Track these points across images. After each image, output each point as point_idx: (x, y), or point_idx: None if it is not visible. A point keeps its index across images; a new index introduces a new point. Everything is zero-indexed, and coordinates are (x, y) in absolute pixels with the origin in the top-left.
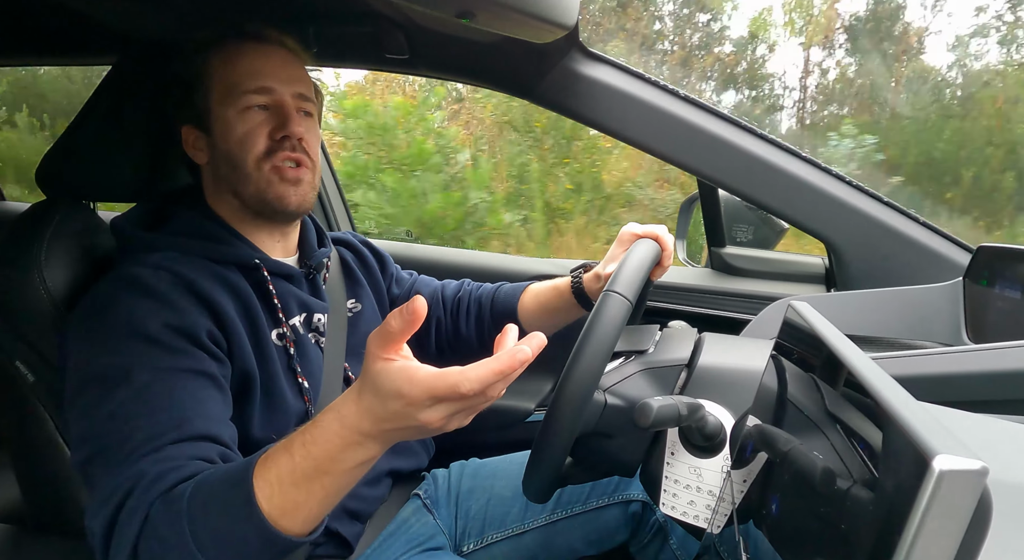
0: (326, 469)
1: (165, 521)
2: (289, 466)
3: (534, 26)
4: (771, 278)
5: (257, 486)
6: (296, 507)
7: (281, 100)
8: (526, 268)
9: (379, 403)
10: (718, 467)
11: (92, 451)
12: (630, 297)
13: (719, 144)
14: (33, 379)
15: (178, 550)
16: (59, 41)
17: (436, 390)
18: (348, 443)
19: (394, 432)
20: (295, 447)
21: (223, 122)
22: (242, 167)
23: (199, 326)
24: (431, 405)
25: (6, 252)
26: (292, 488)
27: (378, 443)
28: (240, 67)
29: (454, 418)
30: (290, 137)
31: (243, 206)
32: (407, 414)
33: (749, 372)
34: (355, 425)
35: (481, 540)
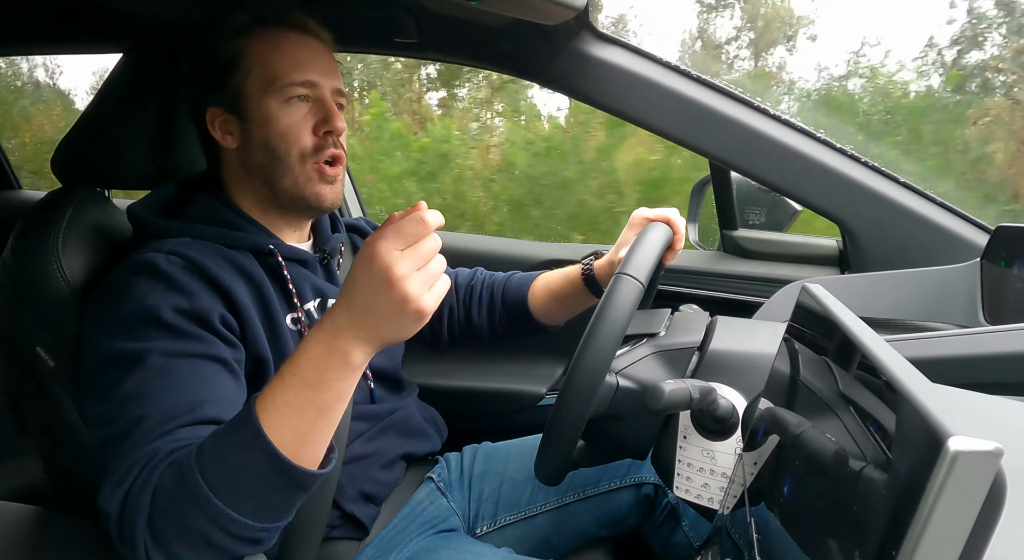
0: (315, 382)
1: (175, 482)
2: (281, 388)
3: (543, 7)
4: (784, 260)
5: (260, 418)
6: (296, 433)
7: (323, 94)
8: (537, 253)
9: (347, 289)
10: (731, 450)
11: (106, 433)
12: (642, 279)
13: (731, 125)
14: (54, 364)
15: (194, 504)
16: (71, 29)
17: (397, 225)
18: (331, 348)
19: (368, 313)
20: (285, 368)
21: (263, 111)
22: (284, 159)
23: (212, 311)
24: (393, 251)
25: (24, 240)
26: (288, 410)
27: (359, 342)
28: (284, 56)
29: (421, 275)
30: (334, 132)
31: (271, 195)
32: (378, 272)
33: (761, 355)
34: (331, 326)
35: (494, 522)
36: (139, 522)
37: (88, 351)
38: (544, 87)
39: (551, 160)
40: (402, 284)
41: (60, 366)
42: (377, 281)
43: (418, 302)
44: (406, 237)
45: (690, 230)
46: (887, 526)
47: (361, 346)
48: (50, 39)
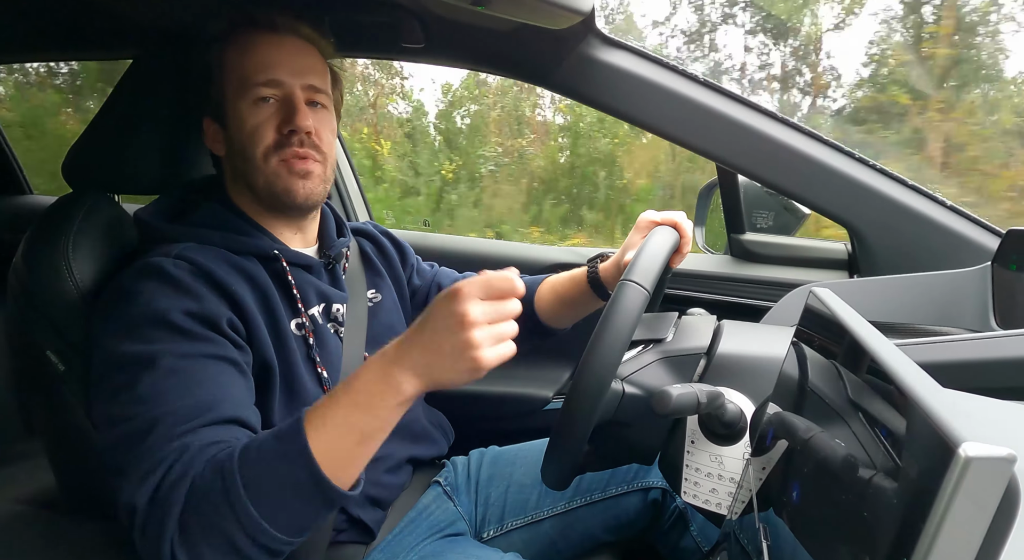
0: (365, 407)
1: (214, 483)
2: (332, 407)
3: (549, 12)
4: (792, 264)
5: (308, 432)
6: (344, 454)
7: (290, 92)
8: (543, 256)
9: (419, 323)
10: (739, 455)
11: (122, 433)
12: (647, 286)
13: (738, 129)
14: (63, 368)
15: (230, 508)
16: (81, 36)
17: (489, 277)
18: (385, 374)
19: (429, 352)
20: (338, 390)
21: (236, 115)
22: (252, 160)
23: (219, 314)
24: (475, 299)
25: (35, 244)
26: (335, 431)
27: (414, 374)
28: (251, 59)
29: (490, 329)
30: (297, 131)
31: (257, 198)
32: (453, 311)
33: (769, 359)
34: (392, 354)
35: (501, 527)
36: (171, 516)
37: (97, 353)
38: (551, 91)
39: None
40: (470, 330)
41: (70, 370)
42: (450, 319)
43: (478, 352)
44: (491, 290)
45: (697, 234)
46: (898, 533)
47: (413, 380)
48: (63, 46)
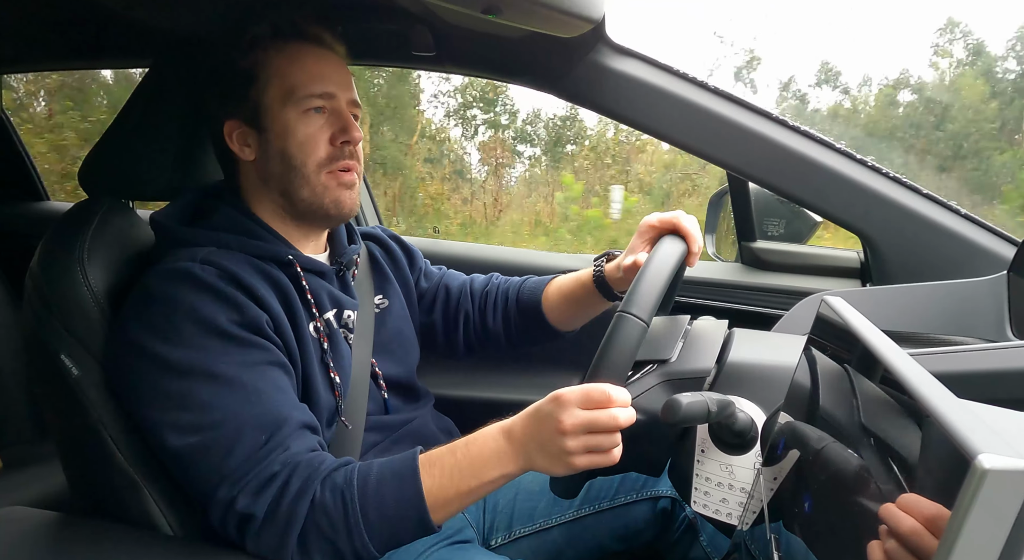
0: (475, 471)
1: (334, 505)
2: (452, 463)
3: (560, 20)
4: (803, 272)
5: (422, 477)
6: (446, 500)
7: (340, 105)
8: (553, 263)
9: (535, 411)
10: (750, 464)
11: (198, 442)
12: (645, 317)
13: (749, 136)
14: (78, 373)
15: (348, 533)
16: (99, 44)
17: (588, 388)
18: (497, 449)
19: (532, 443)
20: (458, 448)
21: (282, 122)
22: (301, 169)
23: (259, 318)
24: (574, 408)
25: (52, 250)
26: (448, 483)
27: (516, 457)
28: (303, 69)
29: (584, 439)
30: (350, 142)
31: (289, 206)
32: (553, 415)
33: (780, 368)
34: (509, 431)
35: (509, 534)
36: (293, 529)
37: (138, 358)
38: (561, 99)
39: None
40: (564, 436)
41: (84, 374)
42: (551, 422)
43: (570, 458)
44: (588, 401)
45: (708, 241)
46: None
47: (515, 459)
48: (81, 54)
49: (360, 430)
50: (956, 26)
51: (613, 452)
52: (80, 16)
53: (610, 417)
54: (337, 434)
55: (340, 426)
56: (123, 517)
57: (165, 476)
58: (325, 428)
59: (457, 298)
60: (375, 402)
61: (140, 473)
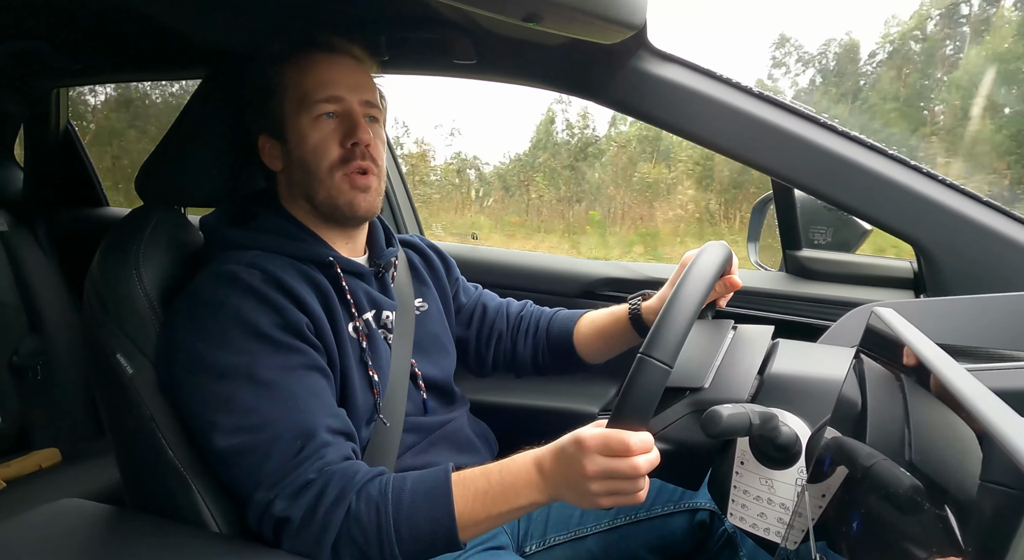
0: (506, 497)
1: (369, 517)
2: (484, 487)
3: (601, 27)
4: (852, 282)
5: (455, 497)
6: (475, 522)
7: (349, 108)
8: (590, 271)
9: (560, 450)
10: (792, 480)
11: (242, 444)
12: (668, 360)
13: (796, 142)
14: (132, 371)
15: (379, 545)
16: (155, 57)
17: (608, 435)
18: (529, 478)
19: (560, 480)
20: (491, 472)
21: (297, 131)
22: (316, 174)
23: (300, 321)
24: (595, 454)
25: (110, 253)
26: (479, 505)
27: (546, 489)
28: (312, 77)
29: (607, 484)
30: (359, 144)
31: (315, 210)
32: (577, 458)
33: (827, 381)
34: (540, 463)
35: (543, 542)
36: (329, 534)
37: (185, 358)
38: (603, 106)
39: None
40: (587, 480)
41: (137, 373)
42: (574, 463)
43: (593, 499)
44: (607, 450)
45: (750, 249)
46: None
47: (545, 490)
48: (137, 67)
49: (398, 429)
50: (787, 41)
51: (638, 495)
52: (138, 32)
53: (631, 467)
54: (375, 432)
55: (378, 424)
56: (171, 511)
57: (212, 474)
58: (363, 427)
59: (492, 319)
60: (414, 402)
61: (189, 470)
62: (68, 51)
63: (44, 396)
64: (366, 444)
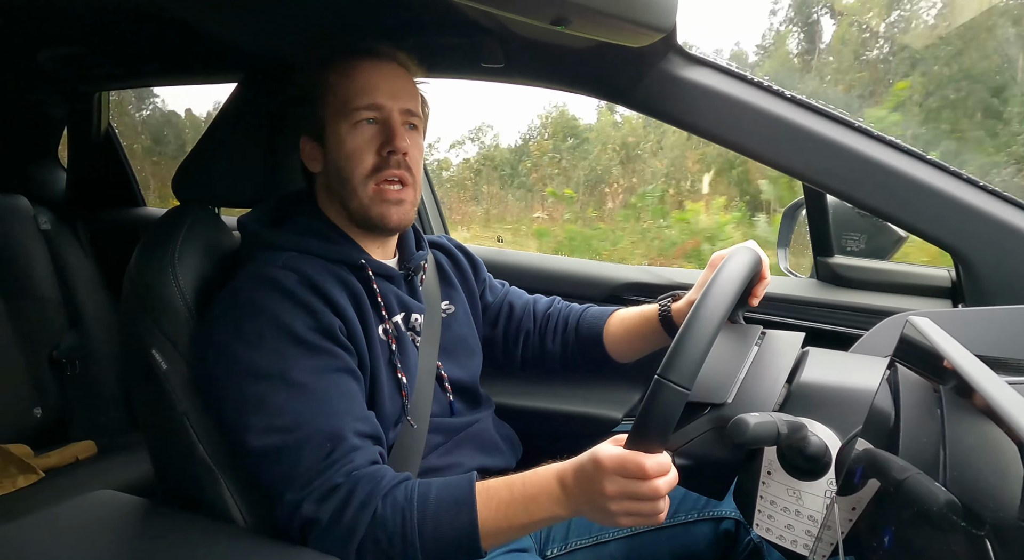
0: (527, 509)
1: (394, 521)
2: (508, 498)
3: (630, 30)
4: (886, 290)
5: (478, 506)
6: (497, 531)
7: (388, 115)
8: (617, 275)
9: (579, 468)
10: (821, 491)
11: (272, 445)
12: (686, 384)
13: (829, 146)
14: (166, 367)
15: (403, 549)
16: (193, 62)
17: (625, 458)
18: (551, 492)
19: (580, 497)
20: (515, 483)
21: (336, 136)
22: (350, 181)
23: (332, 324)
24: (613, 475)
25: (146, 252)
26: (502, 515)
27: (567, 504)
28: (354, 83)
29: (625, 504)
30: (395, 152)
31: (348, 215)
32: (595, 477)
33: (858, 391)
34: (562, 478)
35: (565, 545)
36: (355, 536)
37: (219, 357)
38: (630, 109)
39: None
40: (606, 499)
41: (171, 369)
42: (594, 483)
43: (612, 518)
44: (625, 472)
45: (780, 256)
46: None
47: (566, 505)
48: (174, 71)
49: (424, 430)
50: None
51: (658, 517)
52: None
53: (651, 490)
54: (402, 433)
55: (405, 426)
56: (200, 505)
57: (241, 470)
58: (391, 427)
59: (520, 317)
60: (440, 404)
61: (219, 465)
62: (110, 56)
63: (82, 390)
64: (393, 444)
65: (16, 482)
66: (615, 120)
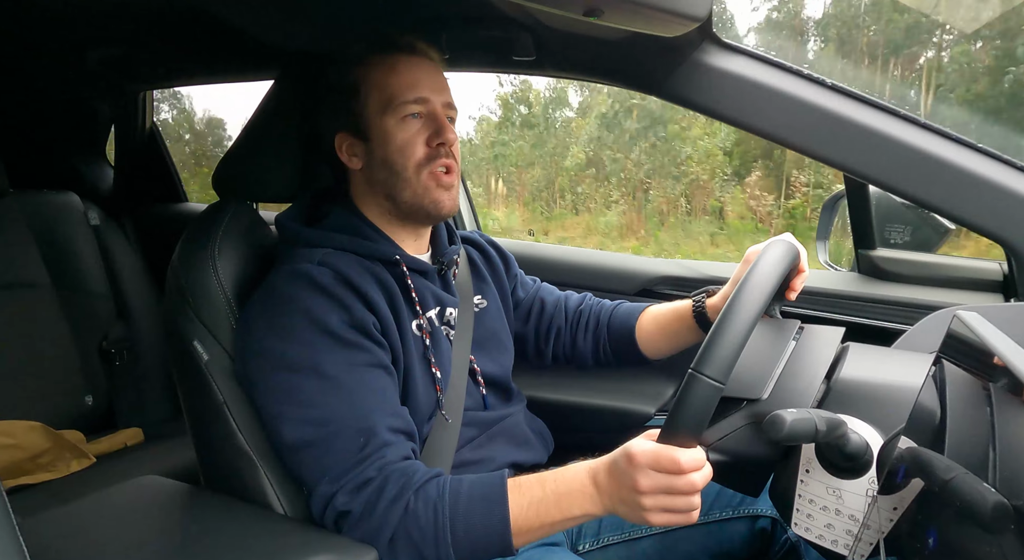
0: (559, 507)
1: (426, 516)
2: (540, 495)
3: (664, 20)
4: (932, 284)
5: (510, 503)
6: (529, 529)
7: (435, 109)
8: (649, 268)
9: (612, 463)
10: (862, 490)
11: (308, 437)
12: (720, 378)
13: (873, 136)
14: (207, 358)
15: (435, 545)
16: (232, 60)
17: (659, 452)
18: (583, 489)
19: (614, 493)
20: (547, 480)
21: (382, 130)
22: (402, 173)
23: (366, 319)
24: (647, 470)
25: (188, 247)
26: (533, 513)
27: (600, 501)
28: (399, 78)
29: (659, 500)
30: (445, 144)
31: (394, 208)
32: (628, 472)
33: (902, 388)
34: (595, 475)
35: (597, 541)
36: (387, 529)
37: (257, 350)
38: (663, 100)
39: None
40: (640, 495)
41: (212, 360)
42: (627, 478)
43: (646, 515)
44: (659, 466)
45: (819, 249)
46: None
47: (599, 503)
48: (213, 70)
49: (458, 424)
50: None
51: (692, 514)
52: (216, 37)
53: (688, 483)
54: (436, 427)
55: (439, 419)
56: (241, 492)
57: (279, 459)
58: (425, 421)
59: (552, 313)
60: (473, 398)
61: (257, 453)
62: (154, 56)
63: (129, 379)
64: (427, 438)
65: (70, 466)
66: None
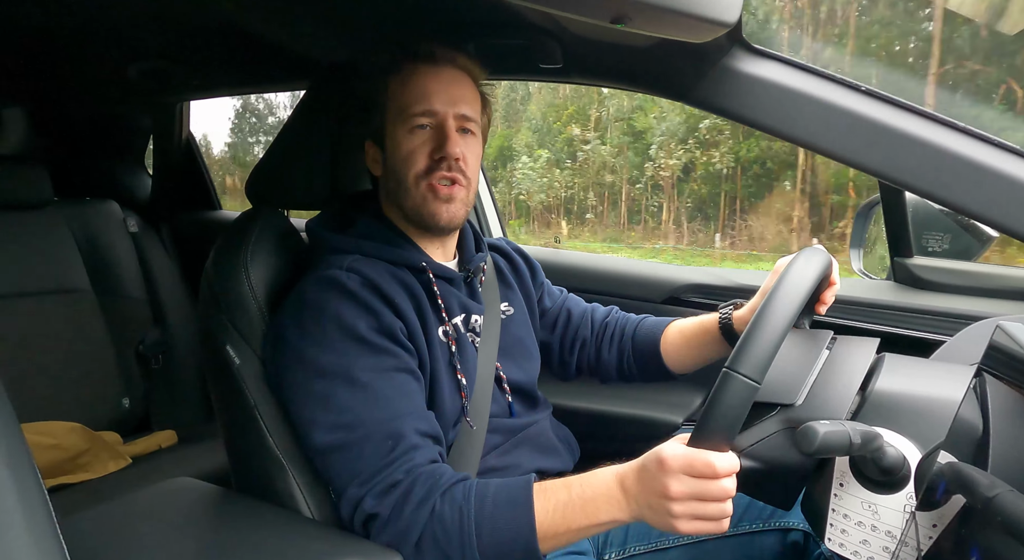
0: (586, 512)
1: (452, 519)
2: (565, 499)
3: (692, 26)
4: (973, 294)
5: (536, 508)
6: (555, 534)
7: (442, 121)
8: (676, 276)
9: (641, 467)
10: (899, 506)
11: (338, 441)
12: (756, 377)
13: (911, 142)
14: (239, 362)
15: (460, 547)
16: (265, 71)
17: (693, 456)
18: (610, 494)
19: (642, 499)
20: (573, 485)
21: (394, 140)
22: (404, 182)
23: (394, 325)
24: (679, 474)
25: (222, 253)
26: (559, 518)
27: (627, 506)
28: (411, 90)
29: (691, 506)
30: (446, 158)
31: (405, 216)
32: (659, 477)
33: (941, 401)
34: (623, 480)
35: (623, 550)
36: (414, 531)
37: (288, 355)
38: (692, 107)
39: None
40: (670, 501)
41: (244, 364)
42: (656, 483)
43: (675, 522)
44: (692, 470)
45: (854, 257)
46: None
47: (627, 508)
48: (246, 81)
49: (483, 431)
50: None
51: (723, 522)
52: (250, 49)
53: (721, 489)
54: (461, 434)
55: (464, 426)
56: (271, 495)
57: (308, 463)
58: (450, 428)
59: (577, 324)
60: (499, 405)
61: (287, 457)
62: (190, 68)
63: (164, 382)
64: (452, 444)
65: (107, 467)
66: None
